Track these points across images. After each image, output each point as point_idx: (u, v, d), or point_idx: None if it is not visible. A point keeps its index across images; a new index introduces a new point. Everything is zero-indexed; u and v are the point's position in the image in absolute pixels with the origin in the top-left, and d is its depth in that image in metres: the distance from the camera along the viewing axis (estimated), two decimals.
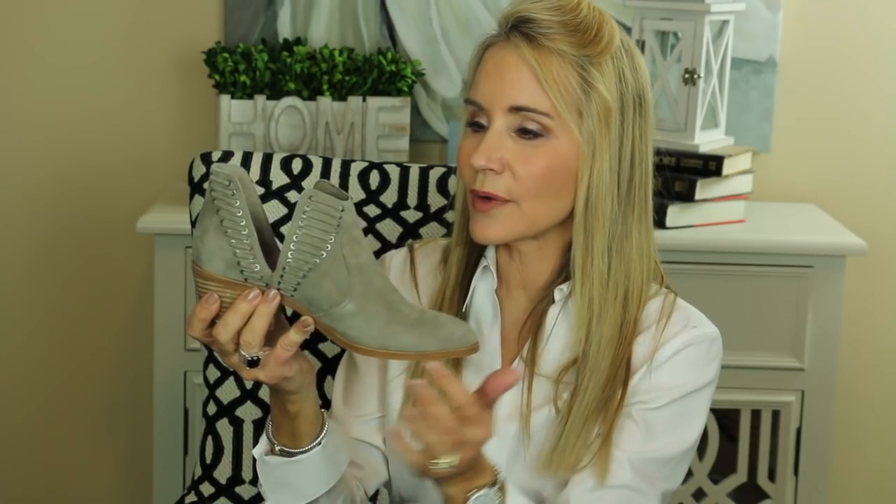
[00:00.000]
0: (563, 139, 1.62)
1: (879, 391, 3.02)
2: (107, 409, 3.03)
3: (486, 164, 1.61)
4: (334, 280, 1.47)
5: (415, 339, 1.47)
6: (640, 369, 1.66)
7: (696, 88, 2.70)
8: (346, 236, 1.47)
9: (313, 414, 1.62)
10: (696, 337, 1.67)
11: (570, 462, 1.63)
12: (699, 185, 2.68)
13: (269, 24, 2.89)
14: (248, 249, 1.48)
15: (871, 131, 2.96)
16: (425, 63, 2.89)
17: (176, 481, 2.72)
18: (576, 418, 1.63)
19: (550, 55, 1.61)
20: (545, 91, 1.61)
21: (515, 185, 1.62)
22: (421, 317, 1.48)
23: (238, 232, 1.48)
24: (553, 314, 1.69)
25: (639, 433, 1.64)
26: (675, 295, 1.71)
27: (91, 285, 2.98)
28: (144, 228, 2.64)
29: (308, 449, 1.63)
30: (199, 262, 1.50)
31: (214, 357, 2.06)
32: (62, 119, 2.93)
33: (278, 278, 1.48)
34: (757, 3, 2.88)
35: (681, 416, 1.66)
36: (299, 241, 1.47)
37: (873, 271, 2.96)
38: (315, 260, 1.47)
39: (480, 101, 1.63)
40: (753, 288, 2.65)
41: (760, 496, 2.76)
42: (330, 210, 1.46)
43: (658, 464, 1.65)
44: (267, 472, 1.65)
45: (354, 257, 1.47)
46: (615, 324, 1.65)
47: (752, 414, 2.73)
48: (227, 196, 1.48)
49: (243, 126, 2.74)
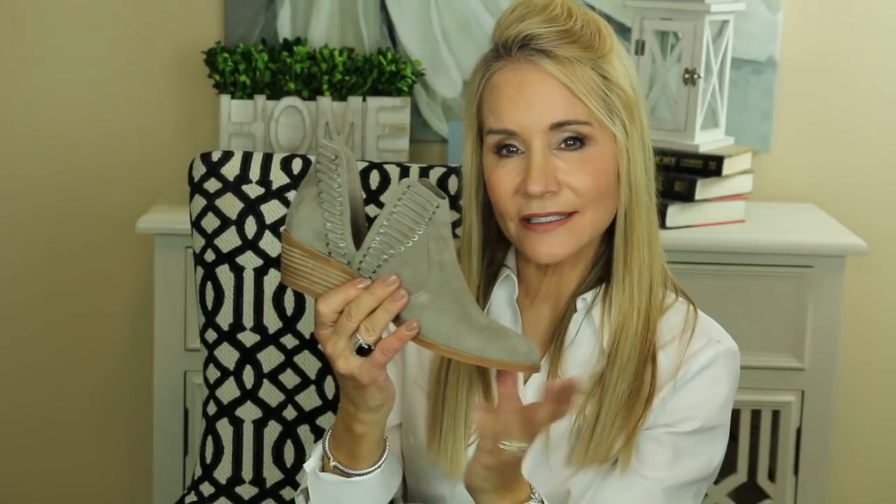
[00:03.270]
0: (602, 142, 1.64)
1: (879, 391, 3.02)
2: (107, 409, 3.03)
3: (546, 188, 1.61)
4: (414, 270, 1.50)
5: (479, 343, 1.49)
6: (666, 384, 1.66)
7: (696, 88, 2.70)
8: (435, 232, 1.49)
9: (378, 439, 1.62)
10: (721, 353, 1.69)
11: (603, 451, 1.64)
12: (699, 185, 2.68)
13: (269, 24, 2.89)
14: (339, 224, 1.51)
15: (870, 131, 2.96)
16: (425, 63, 2.89)
17: (176, 481, 2.72)
18: (609, 410, 1.64)
19: (572, 64, 1.61)
20: (579, 99, 1.61)
21: (576, 197, 1.63)
22: (489, 325, 1.50)
23: (333, 206, 1.51)
24: (576, 323, 1.69)
25: (667, 457, 1.65)
26: (695, 308, 1.71)
27: (91, 285, 2.98)
28: (144, 228, 2.64)
29: (368, 472, 1.62)
30: (290, 229, 1.53)
31: (214, 357, 2.06)
32: (62, 119, 2.93)
33: (361, 257, 1.51)
34: (757, 3, 2.88)
35: (707, 437, 1.68)
36: (389, 225, 1.49)
37: (873, 271, 2.96)
38: (400, 247, 1.50)
39: (513, 128, 1.62)
40: (753, 288, 2.65)
41: (760, 496, 2.76)
42: (425, 204, 1.49)
43: (689, 486, 1.67)
44: (319, 489, 1.65)
45: (438, 254, 1.50)
46: (644, 313, 1.67)
47: (752, 414, 2.73)
48: (330, 170, 1.50)
49: (243, 126, 2.74)
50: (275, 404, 2.06)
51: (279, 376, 2.06)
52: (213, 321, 2.06)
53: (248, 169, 2.04)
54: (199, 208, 2.04)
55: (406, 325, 1.50)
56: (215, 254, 2.04)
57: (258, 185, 2.03)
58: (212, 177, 2.04)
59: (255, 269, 2.04)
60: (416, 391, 1.75)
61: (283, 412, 2.05)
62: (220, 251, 2.04)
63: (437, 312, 1.49)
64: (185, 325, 2.66)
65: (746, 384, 2.67)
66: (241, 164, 2.04)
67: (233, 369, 2.06)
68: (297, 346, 2.05)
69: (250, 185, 2.03)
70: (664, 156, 2.71)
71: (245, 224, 2.02)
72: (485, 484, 1.53)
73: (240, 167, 2.03)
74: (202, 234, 2.05)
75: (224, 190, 2.03)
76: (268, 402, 2.06)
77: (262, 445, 2.07)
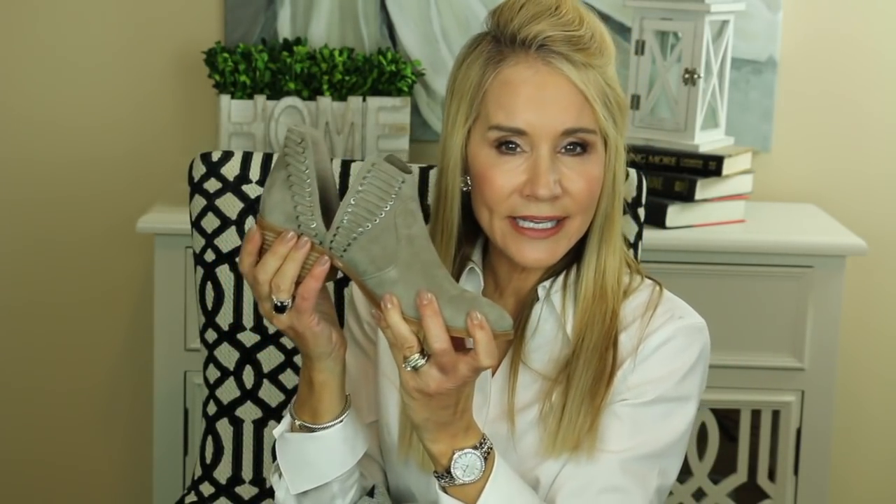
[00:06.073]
0: (599, 149, 1.65)
1: (879, 391, 3.02)
2: (107, 409, 3.03)
3: (553, 193, 1.62)
4: (383, 246, 1.52)
5: (448, 313, 1.50)
6: (625, 362, 1.66)
7: (696, 88, 2.70)
8: (401, 207, 1.52)
9: (338, 390, 1.64)
10: (681, 328, 1.68)
11: (571, 442, 1.64)
12: (699, 185, 2.68)
13: (269, 24, 2.89)
14: (308, 206, 1.54)
15: (871, 131, 2.96)
16: (425, 63, 2.89)
17: (176, 481, 2.72)
18: (574, 399, 1.64)
19: (586, 70, 1.62)
20: (592, 108, 1.62)
21: (572, 203, 1.64)
22: (461, 295, 1.51)
23: (302, 188, 1.54)
24: (536, 311, 1.70)
25: (625, 430, 1.64)
26: (660, 287, 1.72)
27: (91, 285, 2.98)
28: (144, 228, 2.64)
29: (329, 425, 1.65)
30: (262, 213, 1.57)
31: (214, 357, 2.06)
32: (62, 119, 2.93)
33: (331, 237, 1.54)
34: (757, 3, 2.88)
35: (667, 409, 1.66)
36: (356, 204, 1.52)
37: (873, 271, 2.96)
38: (368, 224, 1.52)
39: (524, 128, 1.62)
40: (753, 288, 2.65)
41: (760, 496, 2.76)
42: (390, 180, 1.51)
43: (649, 459, 1.65)
44: (285, 450, 1.67)
45: (406, 228, 1.52)
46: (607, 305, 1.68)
47: (752, 414, 2.73)
48: (297, 153, 1.54)
49: (243, 126, 2.74)
50: (275, 404, 2.06)
51: (279, 376, 2.06)
52: (213, 321, 2.06)
53: (248, 169, 2.04)
54: (199, 208, 2.04)
55: (319, 260, 1.53)
56: (215, 254, 2.04)
57: (258, 185, 2.03)
58: (212, 177, 2.04)
59: None
60: (388, 386, 1.76)
61: (283, 412, 2.04)
62: (220, 251, 2.04)
63: (407, 286, 1.51)
64: (185, 325, 2.66)
65: (746, 384, 2.69)
66: (241, 164, 2.04)
67: (233, 369, 2.06)
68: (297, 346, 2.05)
69: (250, 185, 2.03)
70: (664, 156, 2.72)
71: (245, 224, 2.03)
72: (416, 418, 1.54)
73: (240, 167, 2.03)
74: (202, 234, 2.05)
75: (224, 190, 2.03)
76: (268, 402, 2.06)
77: (262, 445, 2.07)
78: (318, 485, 1.67)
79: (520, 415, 1.68)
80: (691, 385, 1.68)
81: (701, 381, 1.70)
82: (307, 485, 1.67)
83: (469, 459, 1.55)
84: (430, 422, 1.54)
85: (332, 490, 1.68)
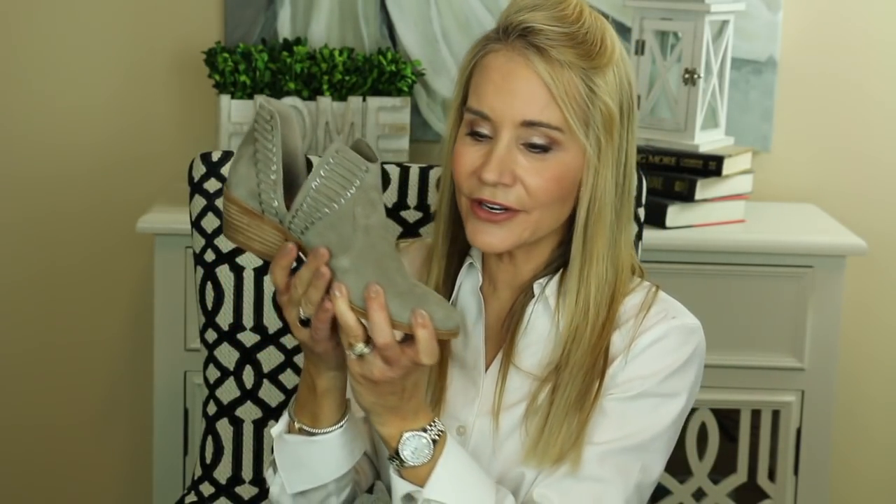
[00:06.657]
0: (571, 150, 1.63)
1: (879, 391, 3.02)
2: (107, 409, 3.03)
3: (499, 179, 1.62)
4: (339, 233, 1.51)
5: (395, 308, 1.50)
6: (616, 359, 1.66)
7: (696, 88, 2.70)
8: (362, 196, 1.51)
9: (339, 398, 1.64)
10: (674, 327, 1.68)
11: (554, 454, 1.64)
12: (699, 185, 2.68)
13: (269, 24, 2.89)
14: (271, 184, 1.53)
15: (871, 131, 2.96)
16: (425, 63, 2.89)
17: (176, 481, 2.72)
18: (558, 410, 1.64)
19: (562, 68, 1.61)
20: (558, 105, 1.61)
21: (527, 196, 1.63)
22: (410, 290, 1.51)
23: (267, 166, 1.53)
24: (531, 308, 1.70)
25: (608, 424, 1.65)
26: (656, 288, 1.72)
27: (91, 285, 2.98)
28: (144, 228, 2.64)
29: (329, 430, 1.65)
30: (228, 186, 1.56)
31: (214, 357, 2.06)
32: (62, 119, 2.93)
33: (290, 218, 1.52)
34: (757, 3, 2.88)
35: (653, 404, 1.66)
36: (317, 189, 1.51)
37: (873, 271, 2.96)
38: (326, 210, 1.51)
39: (488, 113, 1.63)
40: (753, 288, 2.65)
41: (760, 496, 2.76)
42: (353, 168, 1.50)
43: (631, 453, 1.65)
44: (283, 450, 1.67)
45: (365, 218, 1.51)
46: (599, 320, 1.67)
47: (752, 414, 2.73)
48: (265, 130, 1.53)
49: (243, 126, 2.74)
50: (275, 404, 2.06)
51: (279, 376, 2.06)
52: (213, 321, 2.06)
53: None
54: (199, 208, 2.04)
55: (328, 296, 1.51)
56: (215, 254, 2.04)
57: None
58: (212, 177, 2.04)
59: (255, 269, 2.04)
60: None
61: (282, 412, 2.04)
62: (220, 251, 2.04)
63: (357, 277, 1.50)
64: (185, 325, 2.66)
65: (746, 384, 2.69)
66: None
67: (233, 369, 2.06)
68: (297, 346, 2.05)
69: None
70: (664, 156, 2.72)
71: None
72: (363, 402, 1.55)
73: None
74: (202, 234, 2.05)
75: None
76: (268, 402, 2.06)
77: (262, 445, 2.07)
78: (314, 486, 1.67)
79: (509, 411, 1.68)
80: (680, 383, 1.68)
81: (694, 381, 1.70)
82: (304, 486, 1.67)
83: (417, 442, 1.56)
84: (377, 405, 1.55)
85: (327, 489, 1.69)
